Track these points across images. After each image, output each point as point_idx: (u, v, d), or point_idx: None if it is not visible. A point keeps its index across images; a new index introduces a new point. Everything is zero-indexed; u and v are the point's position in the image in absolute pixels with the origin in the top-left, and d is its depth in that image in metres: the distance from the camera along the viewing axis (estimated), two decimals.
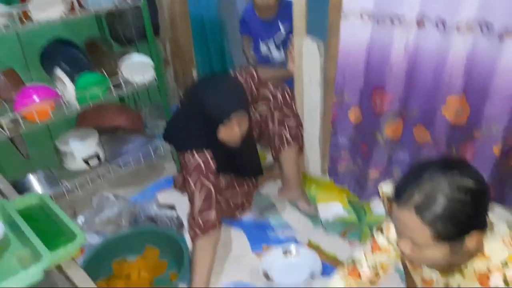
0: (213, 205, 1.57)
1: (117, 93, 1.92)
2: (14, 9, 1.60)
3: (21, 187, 1.85)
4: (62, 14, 1.69)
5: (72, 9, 1.73)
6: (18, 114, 1.68)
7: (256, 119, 1.84)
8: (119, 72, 1.93)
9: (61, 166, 2.04)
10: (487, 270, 0.92)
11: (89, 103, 1.84)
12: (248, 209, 1.98)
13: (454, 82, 1.40)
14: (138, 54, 2.03)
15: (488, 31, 1.27)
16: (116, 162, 2.09)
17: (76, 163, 2.01)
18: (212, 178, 1.59)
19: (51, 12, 1.66)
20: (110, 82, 1.88)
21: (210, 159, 1.61)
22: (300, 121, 1.91)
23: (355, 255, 1.25)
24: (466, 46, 1.32)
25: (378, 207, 1.88)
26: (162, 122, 2.19)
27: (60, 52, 2.01)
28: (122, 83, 1.93)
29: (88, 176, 2.00)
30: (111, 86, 1.89)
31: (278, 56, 2.32)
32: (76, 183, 1.97)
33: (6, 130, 1.68)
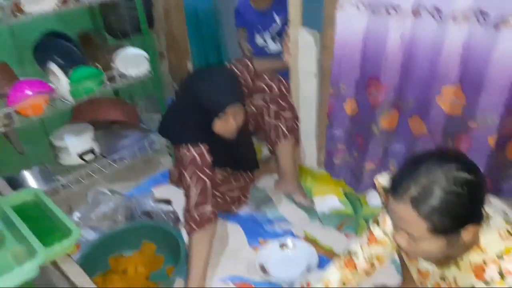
0: (209, 199, 1.57)
1: (111, 86, 1.90)
2: (5, 1, 1.57)
3: (15, 183, 1.83)
4: (55, 6, 1.66)
5: (65, 1, 1.70)
6: (11, 109, 1.67)
7: (252, 112, 1.83)
8: (114, 65, 1.91)
9: (56, 161, 2.03)
10: (483, 263, 0.92)
11: (83, 97, 1.82)
12: (244, 203, 1.97)
13: (449, 72, 1.39)
14: (132, 47, 2.01)
15: (484, 21, 1.26)
16: (111, 157, 2.08)
17: (71, 159, 2.00)
18: (208, 172, 1.58)
19: (44, 4, 1.63)
20: (105, 75, 1.86)
21: (205, 153, 1.59)
22: (296, 113, 1.89)
23: (351, 247, 1.25)
24: (462, 36, 1.32)
25: (374, 200, 1.88)
26: (157, 116, 2.17)
27: (53, 45, 1.99)
28: (117, 77, 1.91)
29: (83, 171, 1.98)
30: (106, 80, 1.87)
31: (275, 47, 2.31)
32: (71, 179, 1.96)
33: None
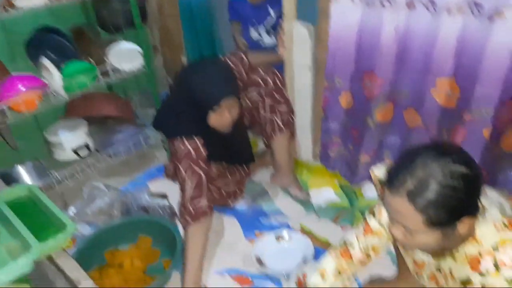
0: (204, 192, 1.57)
1: (105, 81, 1.89)
2: None
3: (9, 179, 1.82)
4: (46, 0, 1.65)
5: None
6: (4, 105, 1.65)
7: (247, 106, 1.82)
8: (107, 60, 1.89)
9: (50, 157, 2.02)
10: (478, 254, 0.92)
11: (76, 92, 1.81)
12: (240, 197, 1.97)
13: (444, 65, 1.40)
14: (126, 41, 1.99)
15: (478, 12, 1.26)
16: (106, 152, 2.07)
17: (65, 154, 1.99)
18: (202, 165, 1.58)
19: None
20: (98, 70, 1.85)
21: (200, 146, 1.59)
22: (291, 107, 1.89)
23: (347, 237, 1.26)
24: (457, 28, 1.32)
25: (369, 192, 1.88)
26: (152, 111, 2.16)
27: (45, 40, 1.97)
28: (110, 71, 1.89)
29: (78, 166, 1.98)
30: (99, 74, 1.86)
31: (270, 41, 2.30)
32: (66, 174, 1.95)
33: None
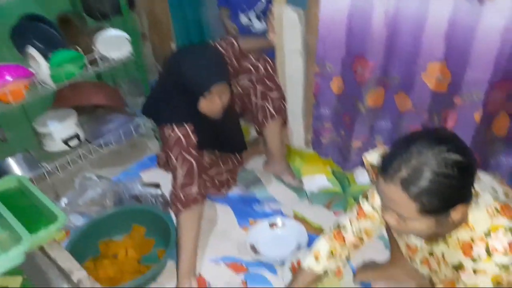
0: (195, 179, 1.56)
1: (93, 70, 1.87)
2: None
3: (0, 171, 1.80)
4: None
5: None
6: None
7: (238, 93, 1.80)
8: (95, 48, 1.86)
9: (40, 148, 2.00)
10: (471, 240, 0.93)
11: (64, 82, 1.78)
12: (233, 185, 1.97)
13: (434, 49, 1.39)
14: (113, 28, 1.96)
15: None
16: (97, 142, 2.05)
17: (55, 145, 1.97)
18: (193, 152, 1.57)
19: None
20: (86, 58, 1.82)
21: (191, 133, 1.57)
22: (283, 93, 1.88)
23: (341, 220, 1.28)
24: (447, 11, 1.30)
25: (361, 177, 1.89)
26: (141, 99, 2.14)
27: (31, 29, 1.93)
28: (98, 60, 1.87)
29: (68, 157, 1.96)
30: (87, 63, 1.83)
31: (260, 26, 2.27)
32: (56, 165, 1.94)
33: None
